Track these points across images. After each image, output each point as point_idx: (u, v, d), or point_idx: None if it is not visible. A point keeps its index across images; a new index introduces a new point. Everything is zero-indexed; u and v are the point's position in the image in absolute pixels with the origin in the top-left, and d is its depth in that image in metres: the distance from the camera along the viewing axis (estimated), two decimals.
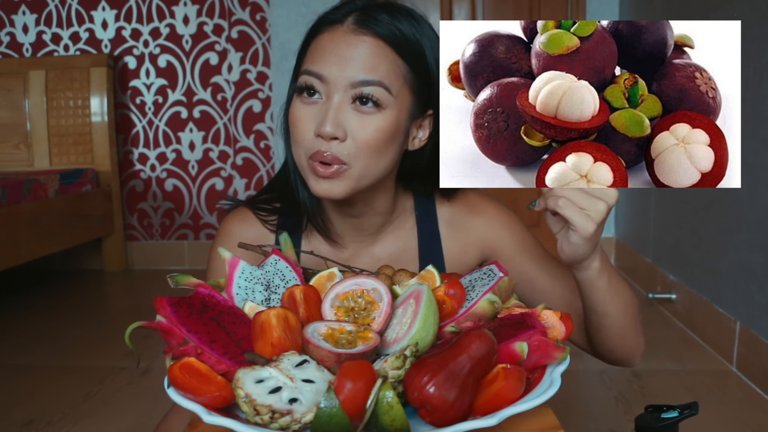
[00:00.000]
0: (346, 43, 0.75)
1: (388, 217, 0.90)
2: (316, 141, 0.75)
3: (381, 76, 0.75)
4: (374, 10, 0.77)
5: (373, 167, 0.77)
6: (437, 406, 0.51)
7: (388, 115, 0.76)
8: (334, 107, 0.74)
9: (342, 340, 0.57)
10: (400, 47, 0.76)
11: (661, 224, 2.49)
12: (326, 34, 0.77)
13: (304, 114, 0.76)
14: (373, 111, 0.75)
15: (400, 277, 0.74)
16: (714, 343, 1.95)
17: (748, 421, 1.51)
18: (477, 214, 0.92)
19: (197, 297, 0.62)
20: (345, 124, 0.74)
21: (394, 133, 0.77)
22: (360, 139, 0.75)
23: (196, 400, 0.53)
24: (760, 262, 1.68)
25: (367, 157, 0.76)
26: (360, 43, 0.75)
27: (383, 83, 0.75)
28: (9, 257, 2.35)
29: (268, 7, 3.05)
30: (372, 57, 0.75)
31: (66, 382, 1.83)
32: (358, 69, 0.74)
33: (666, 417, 0.88)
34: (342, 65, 0.74)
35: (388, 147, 0.78)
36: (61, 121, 3.07)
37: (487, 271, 0.68)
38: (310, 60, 0.77)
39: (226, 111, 3.15)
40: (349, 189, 0.77)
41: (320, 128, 0.74)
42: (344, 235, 0.89)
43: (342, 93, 0.74)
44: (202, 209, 3.22)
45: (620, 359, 0.84)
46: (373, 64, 0.74)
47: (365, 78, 0.74)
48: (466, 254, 0.92)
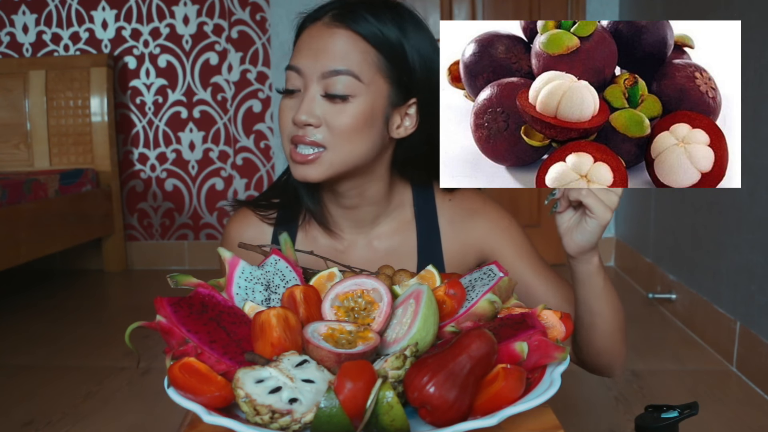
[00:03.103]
0: (320, 37, 0.80)
1: (384, 208, 0.91)
2: (294, 128, 0.80)
3: (350, 65, 0.79)
4: (352, 5, 0.81)
5: (348, 152, 0.81)
6: (437, 406, 0.51)
7: (360, 102, 0.79)
8: (308, 97, 0.79)
9: (342, 340, 0.57)
10: (372, 38, 0.80)
11: (661, 224, 2.49)
12: (306, 31, 0.83)
13: (286, 106, 0.82)
14: (343, 102, 0.79)
15: (400, 277, 0.74)
16: (714, 343, 1.95)
17: (748, 421, 1.51)
18: (478, 216, 0.92)
19: (197, 297, 0.62)
20: (317, 112, 0.79)
21: (369, 119, 0.81)
22: (334, 125, 0.79)
23: (196, 400, 0.53)
24: (760, 262, 1.68)
25: (342, 142, 0.80)
26: (332, 36, 0.80)
27: (352, 72, 0.79)
28: (9, 257, 2.35)
29: (268, 7, 3.05)
30: (343, 47, 0.79)
31: (66, 382, 1.83)
32: (328, 59, 0.78)
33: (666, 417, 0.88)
34: (315, 57, 0.79)
35: (363, 133, 0.81)
36: (61, 121, 3.07)
37: (487, 271, 0.68)
38: (293, 56, 0.83)
39: (226, 111, 3.15)
40: (324, 173, 0.81)
41: (296, 116, 0.79)
42: (341, 225, 0.92)
43: (315, 84, 0.79)
44: (202, 209, 3.22)
45: (604, 365, 0.85)
46: (343, 54, 0.79)
47: (335, 68, 0.78)
48: (465, 254, 0.93)
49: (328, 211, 0.91)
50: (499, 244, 0.92)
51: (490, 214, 0.93)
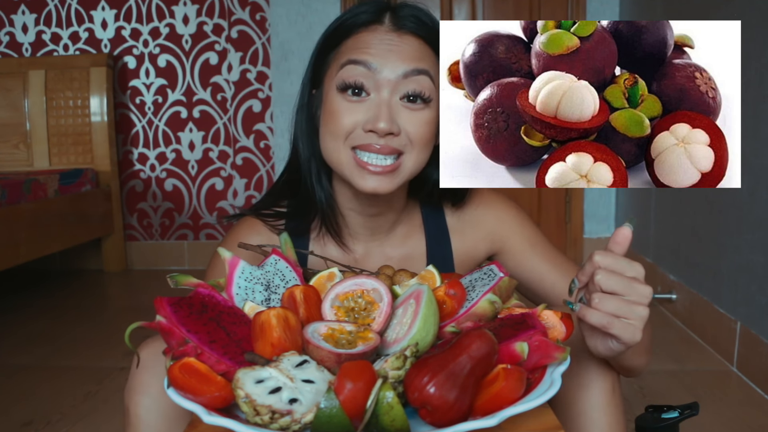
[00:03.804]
0: (390, 40, 0.77)
1: (399, 214, 0.90)
2: (366, 135, 0.76)
3: (428, 66, 0.77)
4: (405, 10, 0.79)
5: (421, 161, 0.79)
6: (437, 407, 0.51)
7: (433, 108, 0.78)
8: (386, 103, 0.75)
9: (342, 341, 0.57)
10: (434, 46, 0.79)
11: (661, 224, 2.49)
12: (366, 33, 0.78)
13: (349, 109, 0.76)
14: (422, 107, 0.77)
15: (400, 277, 0.74)
16: (714, 343, 1.95)
17: (748, 421, 1.51)
18: (486, 207, 0.92)
19: (197, 297, 0.62)
20: (397, 119, 0.76)
21: (437, 124, 0.80)
22: (413, 133, 0.76)
23: (196, 400, 0.53)
24: (761, 262, 1.68)
25: (418, 150, 0.78)
26: (405, 41, 0.77)
27: (430, 73, 0.77)
28: (9, 257, 2.34)
29: (268, 6, 3.05)
30: (418, 50, 0.77)
31: (65, 381, 1.83)
32: (407, 60, 0.76)
33: (666, 417, 0.88)
34: (391, 57, 0.76)
35: (432, 139, 0.80)
36: (60, 121, 3.07)
37: (488, 271, 0.68)
38: (353, 52, 0.77)
39: (226, 111, 3.14)
40: (397, 184, 0.78)
41: (375, 124, 0.74)
42: (357, 235, 0.89)
43: (392, 87, 0.76)
44: (201, 209, 3.22)
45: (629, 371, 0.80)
46: (420, 56, 0.77)
47: (416, 67, 0.76)
48: (475, 249, 0.92)
49: (345, 221, 0.88)
50: (509, 232, 0.91)
51: (497, 205, 0.92)
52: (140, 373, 0.73)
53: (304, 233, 0.88)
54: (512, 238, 0.91)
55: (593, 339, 0.63)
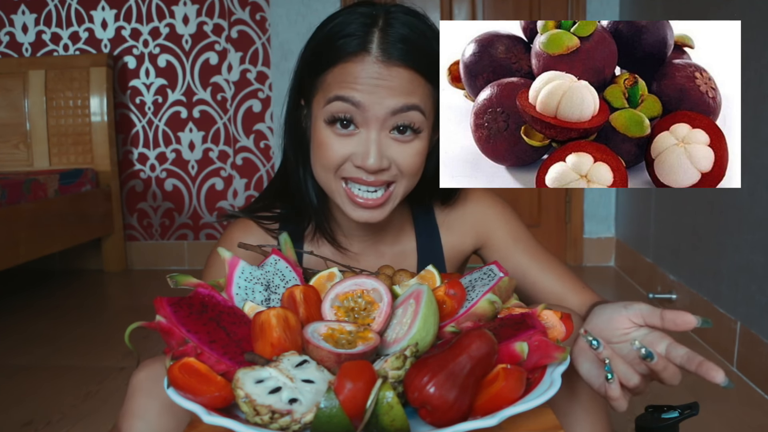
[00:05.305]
0: (378, 74, 0.73)
1: (391, 213, 0.90)
2: (356, 170, 0.76)
3: (418, 100, 0.75)
4: (395, 30, 0.74)
5: (411, 186, 0.80)
6: (437, 406, 0.51)
7: (423, 138, 0.77)
8: (375, 140, 0.74)
9: (342, 340, 0.57)
10: (428, 72, 0.76)
11: (661, 224, 2.49)
12: (353, 64, 0.74)
13: (336, 141, 0.76)
14: (411, 138, 0.76)
15: (400, 277, 0.74)
16: (714, 343, 1.95)
17: (748, 421, 1.51)
18: (473, 202, 0.93)
19: (197, 297, 0.62)
20: (387, 153, 0.75)
21: (427, 151, 0.79)
22: (403, 164, 0.76)
23: (196, 400, 0.53)
24: (761, 262, 1.68)
25: (408, 179, 0.79)
26: (394, 74, 0.73)
27: (420, 107, 0.75)
28: (9, 257, 2.34)
29: (268, 6, 3.04)
30: (407, 84, 0.74)
31: (65, 381, 1.83)
32: (396, 96, 0.73)
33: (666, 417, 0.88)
34: (379, 93, 0.73)
35: (422, 167, 0.80)
36: (60, 121, 3.07)
37: (487, 271, 0.68)
38: (340, 86, 0.74)
39: (226, 111, 3.14)
40: (388, 212, 0.80)
41: (364, 161, 0.74)
42: (351, 235, 0.90)
43: (381, 123, 0.74)
44: (201, 209, 3.22)
45: None
46: (410, 90, 0.74)
47: (405, 103, 0.73)
48: (463, 243, 0.93)
49: (338, 223, 0.89)
50: (493, 227, 0.92)
51: (484, 201, 0.94)
52: (135, 397, 0.73)
53: (299, 238, 0.89)
54: (496, 233, 0.92)
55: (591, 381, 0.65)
